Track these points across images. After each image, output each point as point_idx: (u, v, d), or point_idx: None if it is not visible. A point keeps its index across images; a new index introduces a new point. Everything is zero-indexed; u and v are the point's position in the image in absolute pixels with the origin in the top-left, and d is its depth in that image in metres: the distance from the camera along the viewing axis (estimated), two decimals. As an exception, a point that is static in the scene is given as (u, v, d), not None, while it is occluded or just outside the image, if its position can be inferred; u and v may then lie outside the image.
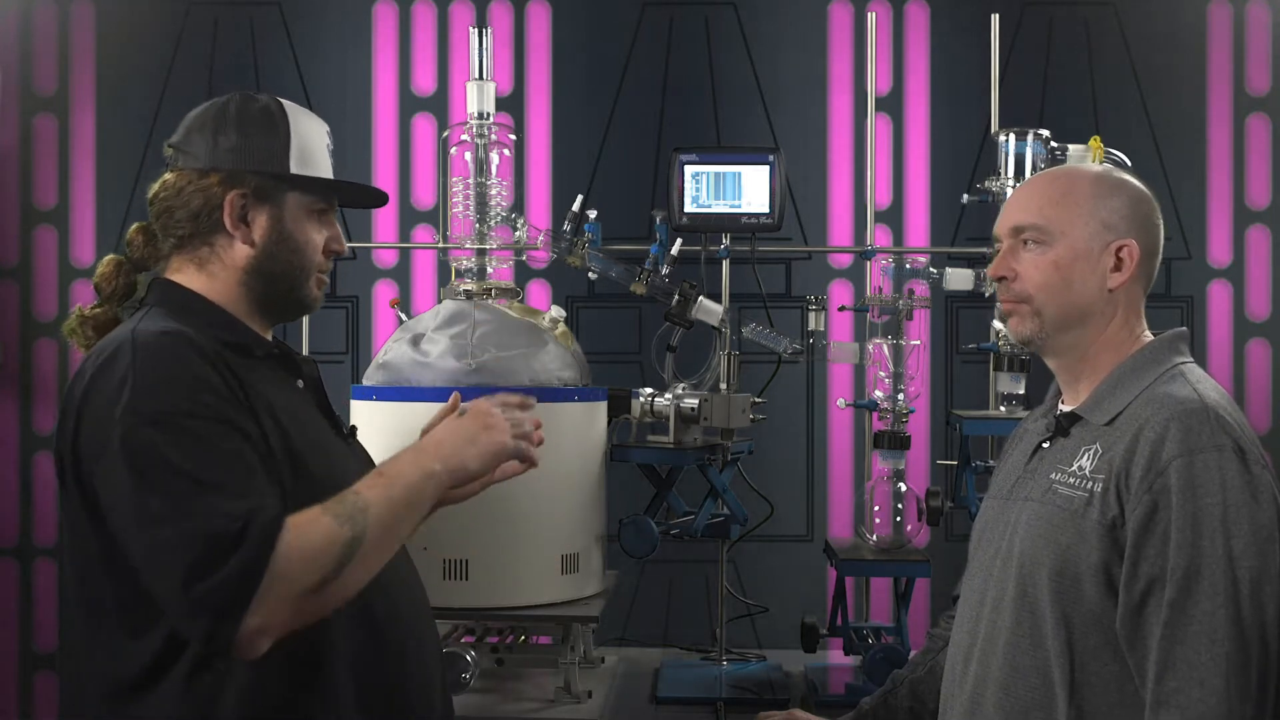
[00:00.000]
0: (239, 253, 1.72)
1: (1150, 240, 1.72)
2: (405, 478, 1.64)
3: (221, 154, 1.71)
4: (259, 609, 1.45)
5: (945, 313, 3.85)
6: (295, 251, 1.74)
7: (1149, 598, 1.55)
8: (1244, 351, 3.91)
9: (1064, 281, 1.70)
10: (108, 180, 3.92)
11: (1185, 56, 3.91)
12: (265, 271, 1.72)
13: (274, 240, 1.72)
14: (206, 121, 1.73)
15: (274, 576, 1.46)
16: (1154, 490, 1.55)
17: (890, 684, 2.03)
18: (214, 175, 1.70)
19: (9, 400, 3.92)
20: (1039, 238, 1.71)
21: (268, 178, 1.72)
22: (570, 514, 2.46)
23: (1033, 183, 1.81)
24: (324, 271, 1.79)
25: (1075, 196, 1.71)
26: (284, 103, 1.76)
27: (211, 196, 1.70)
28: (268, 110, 1.74)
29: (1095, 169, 1.77)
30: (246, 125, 1.72)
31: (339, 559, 1.52)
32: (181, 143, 1.74)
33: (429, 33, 3.96)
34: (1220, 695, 1.50)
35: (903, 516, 2.71)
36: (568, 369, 2.53)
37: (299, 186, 1.74)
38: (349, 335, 3.93)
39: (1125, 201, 1.71)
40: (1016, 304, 1.74)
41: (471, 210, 2.69)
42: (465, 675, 2.37)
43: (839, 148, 3.94)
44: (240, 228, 1.71)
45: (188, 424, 1.51)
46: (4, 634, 3.91)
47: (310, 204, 1.76)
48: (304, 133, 1.76)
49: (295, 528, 1.49)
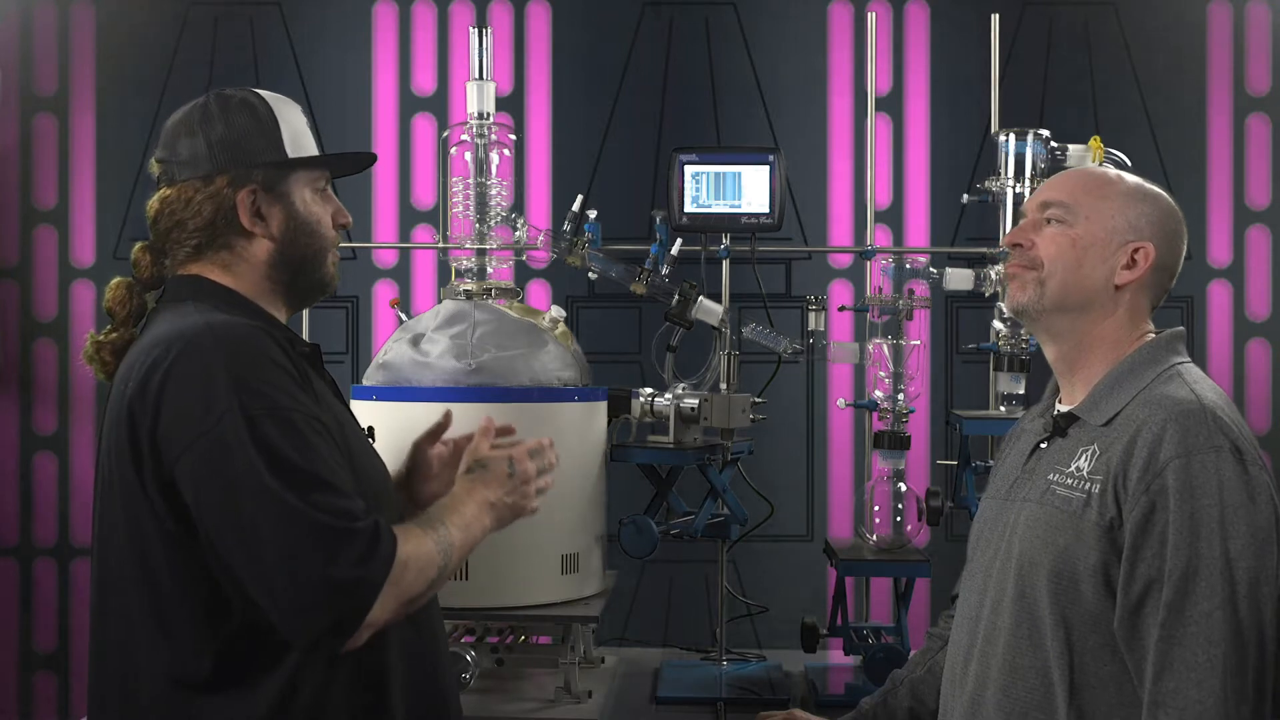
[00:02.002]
0: (260, 248, 1.71)
1: (1169, 254, 1.75)
2: (473, 528, 1.71)
3: (220, 156, 1.69)
4: (379, 605, 1.51)
5: (945, 313, 3.85)
6: (311, 234, 1.74)
7: (1146, 599, 1.55)
8: (1244, 351, 3.91)
9: (1076, 260, 1.71)
10: (108, 180, 3.93)
11: (1185, 56, 3.91)
12: (288, 260, 1.73)
13: (291, 228, 1.72)
14: (192, 127, 1.71)
15: (393, 578, 1.52)
16: (1151, 491, 1.55)
17: (890, 684, 2.03)
18: (220, 179, 1.69)
19: (9, 400, 3.92)
20: (1063, 216, 1.73)
21: (271, 168, 1.71)
22: (570, 514, 2.46)
23: (1073, 171, 1.85)
24: (336, 246, 1.80)
25: (1109, 191, 1.74)
26: (260, 92, 1.75)
27: (223, 200, 1.69)
28: (248, 103, 1.73)
29: (1137, 178, 1.80)
30: (235, 122, 1.70)
31: (432, 582, 1.60)
32: (170, 155, 1.72)
33: (429, 33, 3.96)
34: (1217, 696, 1.50)
35: (903, 516, 2.70)
36: (568, 369, 2.53)
37: (300, 168, 1.74)
38: (349, 335, 3.93)
39: (1156, 211, 1.74)
40: (1023, 269, 1.75)
41: (471, 210, 2.69)
42: (465, 675, 2.37)
43: (839, 148, 3.94)
44: (258, 224, 1.70)
45: (293, 418, 1.53)
46: (4, 634, 3.91)
47: (312, 182, 1.76)
48: (289, 117, 1.75)
49: (403, 540, 1.56)
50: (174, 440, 1.52)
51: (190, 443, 1.51)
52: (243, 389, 1.52)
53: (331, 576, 1.47)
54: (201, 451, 1.50)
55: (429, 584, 1.59)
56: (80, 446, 3.93)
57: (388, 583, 1.51)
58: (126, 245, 3.88)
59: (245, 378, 1.53)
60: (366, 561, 1.49)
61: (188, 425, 1.51)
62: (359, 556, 1.49)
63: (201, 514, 1.52)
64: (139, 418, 1.55)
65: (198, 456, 1.50)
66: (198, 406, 1.51)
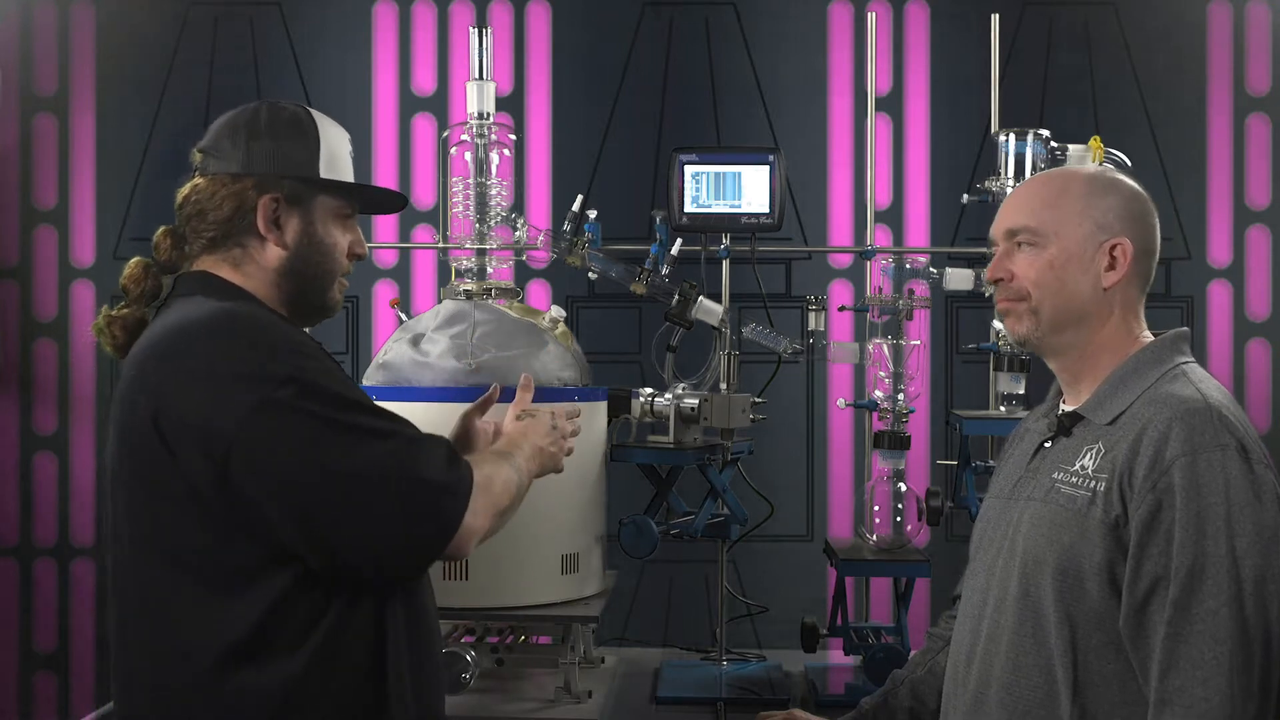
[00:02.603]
0: (271, 254, 1.75)
1: (1145, 239, 1.72)
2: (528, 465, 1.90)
3: (256, 159, 1.75)
4: (470, 512, 1.65)
5: (945, 313, 3.85)
6: (324, 255, 1.79)
7: (1152, 597, 1.55)
8: (1244, 351, 3.91)
9: (1059, 282, 1.70)
10: (108, 180, 3.92)
11: (1185, 56, 3.91)
12: (296, 273, 1.77)
13: (305, 244, 1.77)
14: (239, 127, 1.77)
15: (480, 485, 1.67)
16: (1157, 490, 1.55)
17: (890, 684, 2.03)
18: (247, 180, 1.74)
19: (9, 400, 3.92)
20: (1033, 240, 1.72)
21: (299, 182, 1.76)
22: (570, 514, 2.46)
23: (1026, 185, 1.81)
24: (346, 275, 1.84)
25: (1068, 197, 1.72)
26: (311, 111, 1.81)
27: (245, 200, 1.73)
28: (297, 118, 1.79)
29: (1089, 169, 1.78)
30: (279, 131, 1.76)
31: (514, 496, 1.79)
32: (211, 148, 1.77)
33: (429, 33, 3.96)
34: (1223, 694, 1.50)
35: (903, 516, 2.70)
36: (568, 369, 2.53)
37: (328, 191, 1.79)
38: (349, 335, 3.93)
39: (1118, 200, 1.71)
40: (1013, 303, 1.74)
41: (471, 210, 2.69)
42: (465, 675, 2.37)
43: (839, 148, 3.94)
44: (273, 231, 1.75)
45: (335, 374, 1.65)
46: (4, 634, 3.91)
47: (338, 209, 1.81)
48: (331, 140, 1.81)
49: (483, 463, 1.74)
50: (224, 409, 1.56)
51: (250, 408, 1.56)
52: (287, 353, 1.60)
53: (429, 479, 1.61)
54: (265, 415, 1.56)
55: (513, 499, 1.78)
56: (80, 446, 3.92)
57: (476, 489, 1.65)
58: (126, 245, 3.88)
59: (282, 346, 1.61)
60: (455, 464, 1.66)
61: (238, 393, 1.56)
62: (446, 460, 1.65)
63: (267, 474, 1.56)
64: (167, 393, 1.58)
65: (261, 420, 1.56)
66: (247, 373, 1.57)
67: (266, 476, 1.56)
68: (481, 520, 1.67)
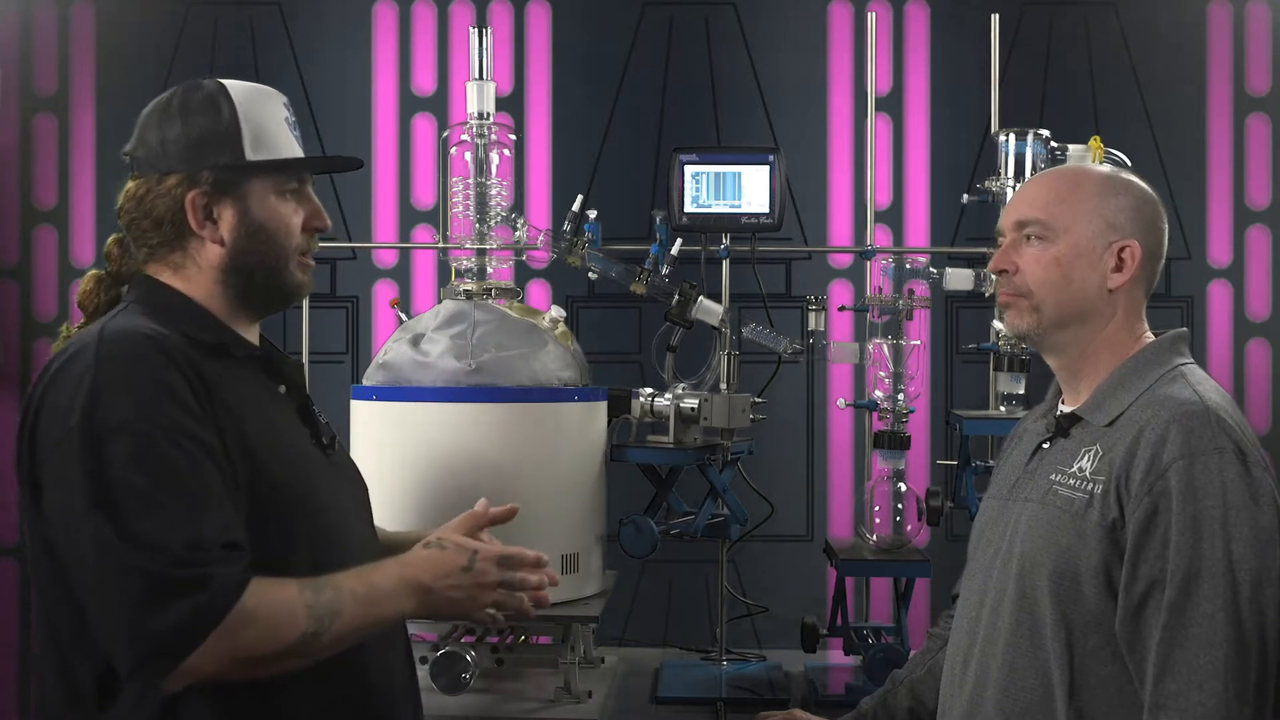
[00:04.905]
0: (211, 252, 1.63)
1: (1153, 242, 1.72)
2: (383, 605, 1.56)
3: (170, 152, 1.62)
4: (197, 657, 1.40)
5: (945, 313, 3.85)
6: (267, 241, 1.64)
7: (1148, 600, 1.55)
8: (1244, 351, 3.91)
9: (1064, 278, 1.70)
10: (108, 180, 3.91)
11: (1185, 56, 3.91)
12: (240, 267, 1.64)
13: (244, 234, 1.63)
14: (152, 120, 1.65)
15: (224, 631, 1.41)
16: (1154, 492, 1.55)
17: (890, 684, 2.03)
18: (172, 177, 1.61)
19: (9, 400, 3.92)
20: (1042, 233, 1.71)
21: (223, 170, 1.62)
22: (570, 514, 2.46)
23: (1040, 179, 1.80)
24: (305, 252, 1.69)
25: (1081, 194, 1.71)
26: (229, 84, 1.66)
27: (174, 200, 1.61)
28: (211, 97, 1.64)
29: (1103, 169, 1.77)
30: (190, 117, 1.62)
31: (291, 645, 1.47)
32: (135, 147, 1.66)
33: (429, 33, 3.96)
34: (1219, 698, 1.50)
35: (903, 516, 2.70)
36: (568, 369, 2.53)
37: (259, 171, 1.64)
38: (349, 335, 3.93)
39: (1130, 202, 1.71)
40: (1015, 298, 1.74)
41: (471, 210, 2.69)
42: (465, 675, 2.37)
43: (839, 148, 3.94)
44: (207, 226, 1.62)
45: (151, 435, 1.44)
46: (4, 634, 3.91)
47: (279, 185, 1.66)
48: (255, 114, 1.65)
49: (261, 594, 1.45)
50: (38, 447, 1.49)
51: (46, 458, 1.48)
52: (97, 402, 1.45)
53: (138, 622, 1.38)
54: (54, 461, 1.46)
55: (284, 647, 1.46)
56: (80, 446, 3.92)
57: (217, 635, 1.40)
58: (126, 245, 3.88)
59: (104, 390, 1.46)
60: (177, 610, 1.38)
61: (49, 433, 1.48)
62: (175, 602, 1.39)
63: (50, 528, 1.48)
64: (24, 424, 1.52)
65: (51, 472, 1.47)
66: (59, 417, 1.46)
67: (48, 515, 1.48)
68: (214, 668, 1.42)
